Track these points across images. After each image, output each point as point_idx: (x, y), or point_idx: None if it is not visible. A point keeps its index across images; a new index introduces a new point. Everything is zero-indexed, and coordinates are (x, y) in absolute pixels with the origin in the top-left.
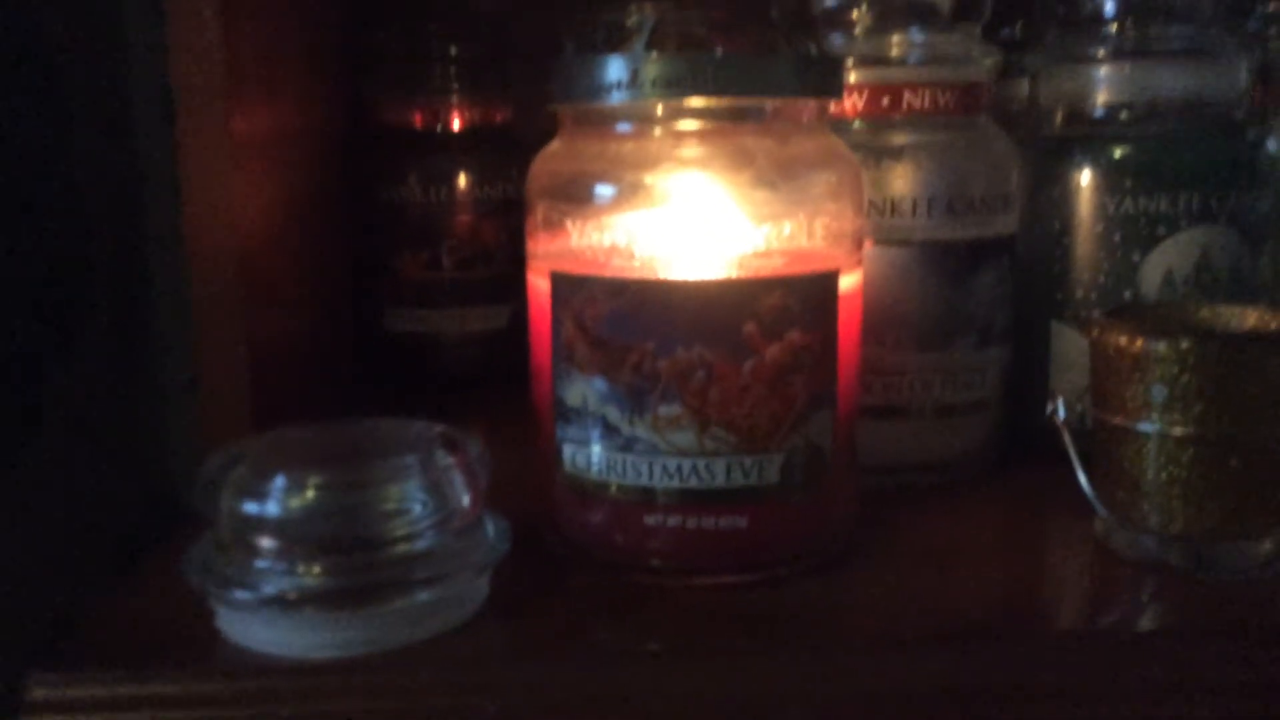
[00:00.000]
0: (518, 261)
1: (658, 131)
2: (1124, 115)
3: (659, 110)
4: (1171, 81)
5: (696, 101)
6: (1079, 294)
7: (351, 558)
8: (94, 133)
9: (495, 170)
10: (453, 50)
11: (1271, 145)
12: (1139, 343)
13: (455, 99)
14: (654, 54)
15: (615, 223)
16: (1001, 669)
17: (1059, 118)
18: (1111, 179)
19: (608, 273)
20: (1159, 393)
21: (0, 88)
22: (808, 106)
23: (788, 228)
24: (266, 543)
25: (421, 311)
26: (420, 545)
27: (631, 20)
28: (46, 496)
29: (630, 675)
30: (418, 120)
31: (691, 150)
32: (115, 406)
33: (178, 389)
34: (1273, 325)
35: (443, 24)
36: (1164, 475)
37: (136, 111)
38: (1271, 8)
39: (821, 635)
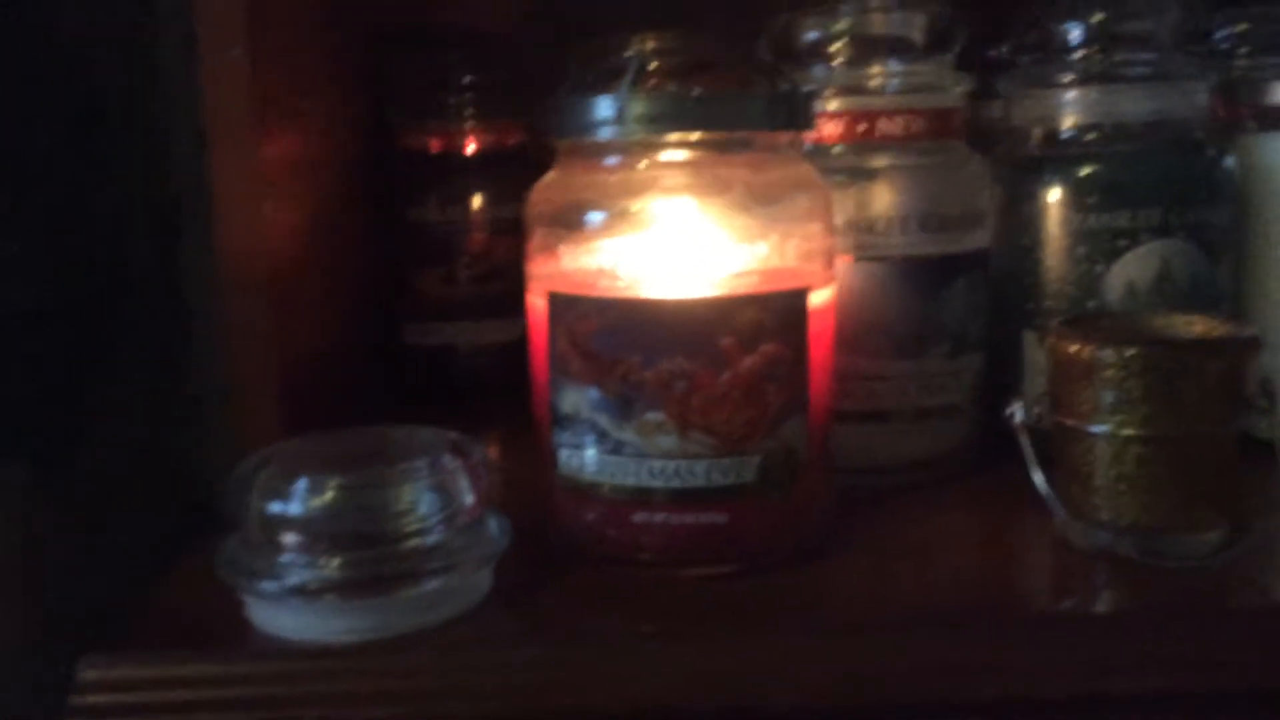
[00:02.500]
0: None
1: (643, 163)
2: (1091, 136)
3: (644, 144)
4: (1135, 104)
5: (677, 135)
6: (1048, 304)
7: (367, 551)
8: (133, 163)
9: (509, 191)
10: (468, 79)
11: (1230, 162)
12: (1088, 350)
13: (471, 124)
14: (638, 93)
15: (604, 247)
16: (969, 650)
17: (1033, 139)
18: (1077, 196)
19: (597, 293)
20: (1107, 396)
21: (45, 122)
22: (780, 137)
23: (762, 249)
24: (290, 538)
25: (439, 325)
26: (429, 540)
27: (630, 50)
28: (92, 501)
29: (622, 656)
30: (435, 145)
31: (673, 179)
32: (154, 419)
33: (213, 402)
34: (1217, 332)
35: (459, 54)
36: (1114, 473)
37: (173, 143)
38: (1241, 28)
39: (800, 619)
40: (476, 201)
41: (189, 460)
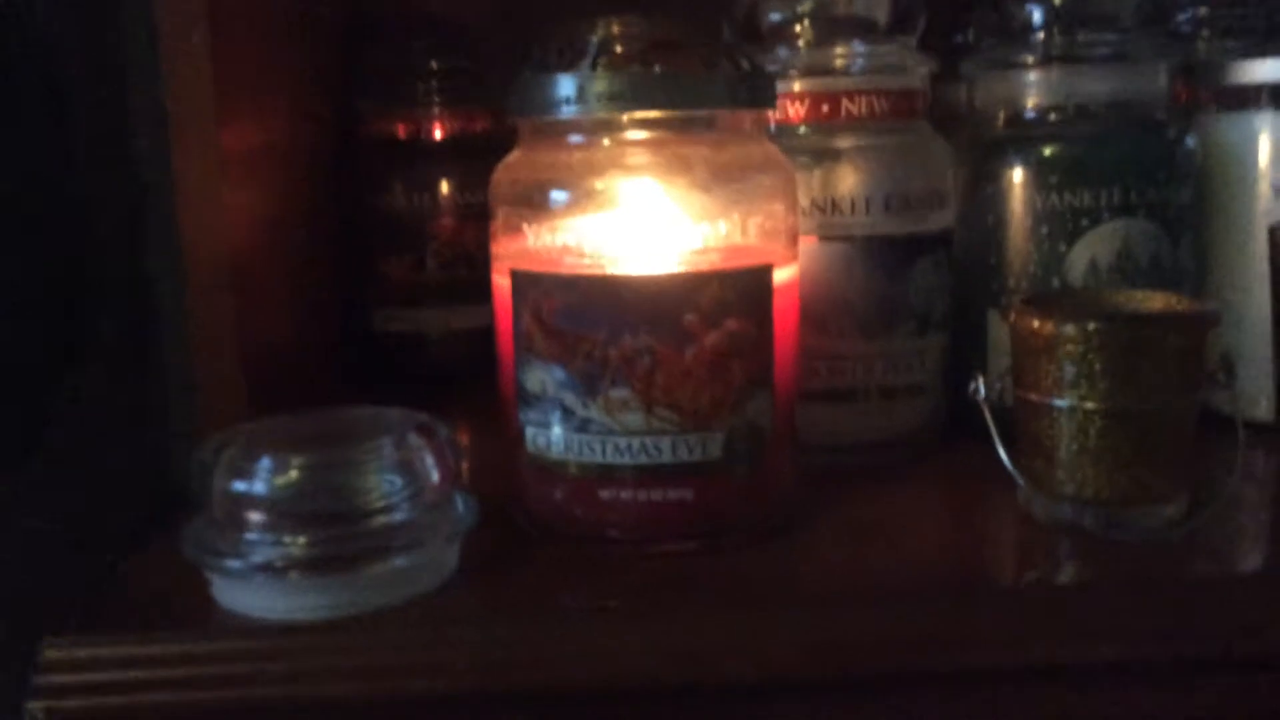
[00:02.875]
0: None
1: (605, 141)
2: (1053, 117)
3: (607, 123)
4: (1096, 85)
5: (639, 114)
6: (1011, 283)
7: (332, 529)
8: (98, 152)
9: (476, 177)
10: (434, 65)
11: (1190, 141)
12: (1049, 325)
13: (437, 111)
14: (599, 72)
15: (568, 225)
16: (934, 621)
17: (996, 120)
18: (1040, 176)
19: (561, 270)
20: (1069, 371)
21: (8, 110)
22: (743, 116)
23: (724, 227)
24: (255, 517)
25: (408, 311)
26: (395, 517)
27: (596, 35)
28: (59, 491)
29: (589, 631)
30: (402, 131)
31: (636, 158)
32: (120, 408)
33: (179, 392)
34: (1176, 308)
35: (424, 40)
36: (1075, 446)
37: (138, 132)
38: (1202, 11)
39: (766, 594)
40: (444, 188)
41: (155, 449)
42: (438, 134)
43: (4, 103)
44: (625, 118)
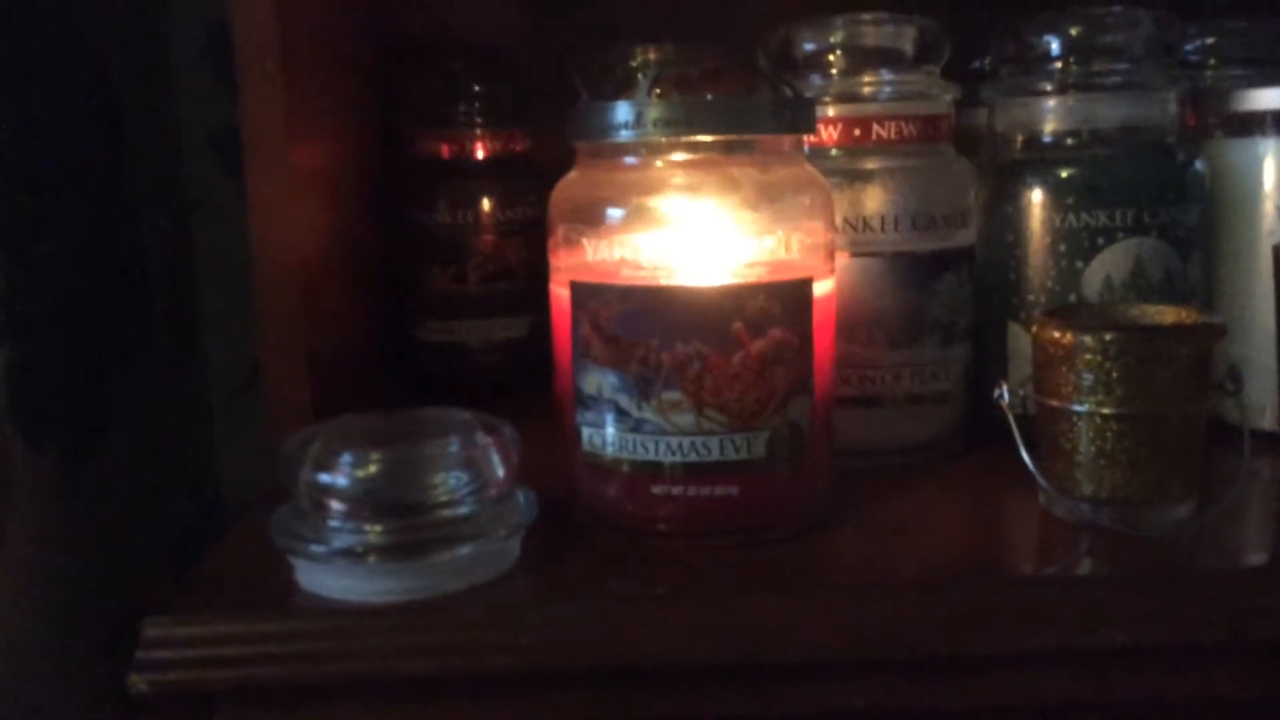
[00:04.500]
0: (536, 277)
1: (659, 163)
2: (1070, 141)
3: (660, 145)
4: (1110, 111)
5: (691, 138)
6: (1030, 298)
7: (406, 519)
8: (150, 168)
9: (516, 195)
10: (476, 88)
11: (1199, 165)
12: (1070, 336)
13: (479, 132)
14: (655, 99)
15: (624, 240)
16: (960, 607)
17: (1015, 144)
18: (1057, 197)
19: (618, 281)
20: (1087, 378)
21: (68, 130)
22: (785, 140)
23: (769, 242)
24: (337, 506)
25: (450, 323)
26: (462, 510)
27: (635, 64)
28: (115, 491)
29: (638, 614)
30: (445, 151)
31: (688, 178)
32: (172, 414)
33: (226, 398)
34: (1187, 321)
35: (467, 64)
36: (1093, 449)
37: (189, 148)
38: (1209, 41)
39: (802, 581)
40: (485, 205)
41: (204, 452)
42: (480, 154)
43: (62, 119)
44: (678, 140)
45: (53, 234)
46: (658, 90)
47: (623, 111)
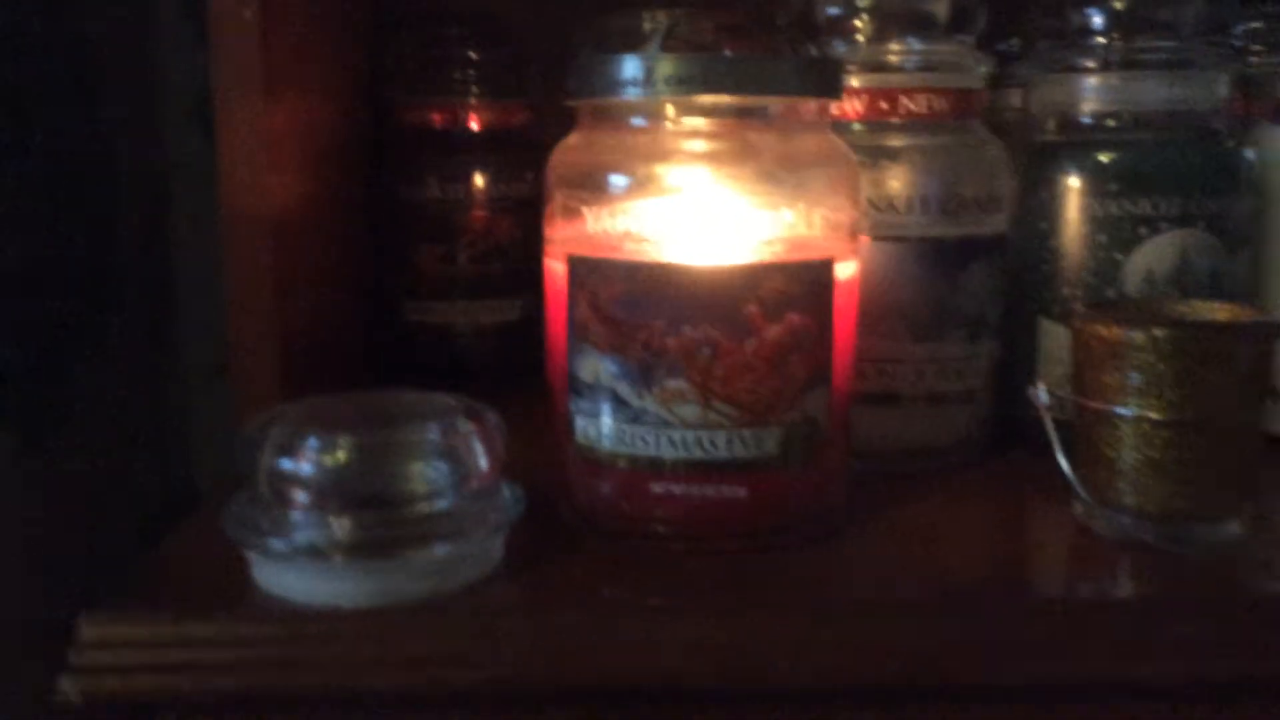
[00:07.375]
0: (530, 257)
1: (669, 126)
2: (1110, 123)
3: (670, 107)
4: (1155, 92)
5: (705, 99)
6: (1065, 292)
7: (376, 513)
8: (127, 128)
9: (511, 170)
10: (471, 55)
11: (1249, 153)
12: (1118, 332)
13: (473, 101)
14: (667, 54)
15: (629, 210)
16: (981, 631)
17: (1050, 125)
18: (1097, 183)
19: (621, 256)
20: (1135, 379)
21: (39, 85)
22: (809, 106)
23: (788, 217)
24: (300, 497)
25: (437, 304)
26: (440, 504)
27: (645, 26)
28: (80, 471)
29: (629, 629)
30: (437, 121)
31: (700, 144)
32: (141, 390)
33: (199, 374)
34: (1244, 318)
35: (461, 30)
36: (1139, 457)
37: (169, 109)
38: (1254, 24)
39: (812, 598)
40: (478, 180)
41: (175, 431)
42: (474, 126)
43: (32, 75)
44: (692, 102)
45: (14, 193)
46: (671, 45)
47: (630, 67)
